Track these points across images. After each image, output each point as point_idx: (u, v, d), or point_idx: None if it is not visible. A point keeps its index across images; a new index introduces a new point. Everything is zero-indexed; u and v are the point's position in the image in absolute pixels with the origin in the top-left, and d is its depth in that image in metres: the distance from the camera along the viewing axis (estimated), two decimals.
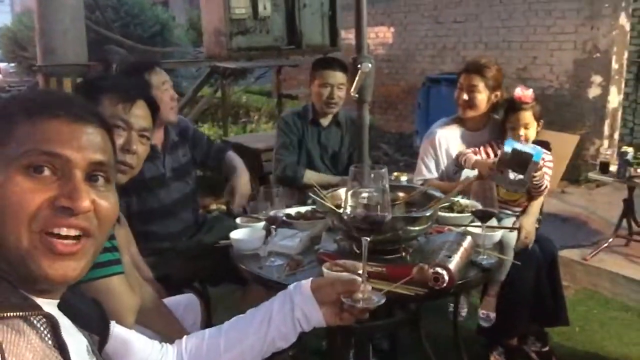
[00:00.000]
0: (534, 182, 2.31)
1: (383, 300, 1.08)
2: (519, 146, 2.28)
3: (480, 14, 6.47)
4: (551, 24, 5.78)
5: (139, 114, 1.61)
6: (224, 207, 3.06)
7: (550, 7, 5.76)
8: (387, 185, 1.10)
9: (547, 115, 2.84)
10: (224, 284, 2.40)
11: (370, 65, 1.88)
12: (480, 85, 2.52)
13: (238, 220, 2.12)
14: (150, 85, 2.24)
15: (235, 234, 1.93)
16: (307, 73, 2.97)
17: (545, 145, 2.53)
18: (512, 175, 2.28)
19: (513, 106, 2.46)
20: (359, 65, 1.87)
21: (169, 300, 1.81)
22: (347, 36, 7.29)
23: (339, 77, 2.73)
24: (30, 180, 0.73)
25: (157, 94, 2.24)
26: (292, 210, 2.12)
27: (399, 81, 7.68)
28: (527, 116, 2.43)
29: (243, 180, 2.49)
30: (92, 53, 4.25)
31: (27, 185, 0.73)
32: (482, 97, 2.54)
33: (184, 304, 1.84)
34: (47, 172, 0.75)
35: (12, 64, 11.64)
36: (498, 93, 2.58)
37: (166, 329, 1.57)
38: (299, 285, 1.07)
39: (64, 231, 0.75)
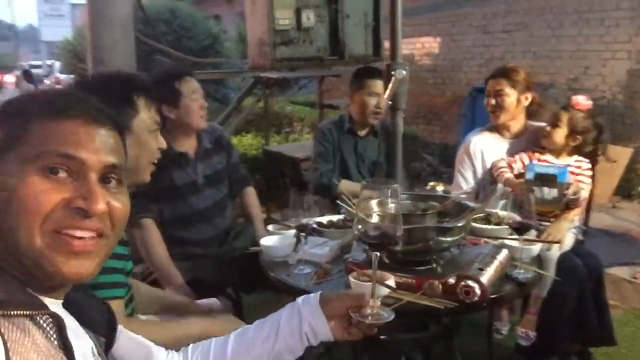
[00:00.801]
0: (570, 198, 2.25)
1: (392, 317, 1.06)
2: (541, 169, 2.23)
3: (529, 23, 6.33)
4: (604, 32, 5.59)
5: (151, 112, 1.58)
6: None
7: (603, 16, 5.58)
8: (399, 201, 1.10)
9: None
10: (257, 292, 2.40)
11: (404, 72, 1.86)
12: (507, 88, 2.49)
13: (270, 227, 2.13)
14: (180, 94, 2.30)
15: (265, 241, 1.94)
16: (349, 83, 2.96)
17: (591, 155, 2.45)
18: (545, 191, 2.22)
19: (562, 105, 2.47)
20: (393, 72, 1.86)
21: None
22: None
23: (382, 86, 2.71)
24: (45, 181, 0.73)
25: (187, 103, 2.30)
26: (324, 219, 2.11)
27: (444, 91, 7.59)
28: (562, 116, 2.40)
29: (261, 227, 2.51)
30: (141, 64, 4.38)
31: (42, 186, 0.73)
32: (511, 100, 2.50)
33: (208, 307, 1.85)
34: (62, 173, 0.75)
35: (72, 76, 12.19)
36: (529, 95, 2.53)
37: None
38: (308, 299, 1.06)
39: (78, 233, 0.75)
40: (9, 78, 17.41)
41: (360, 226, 1.12)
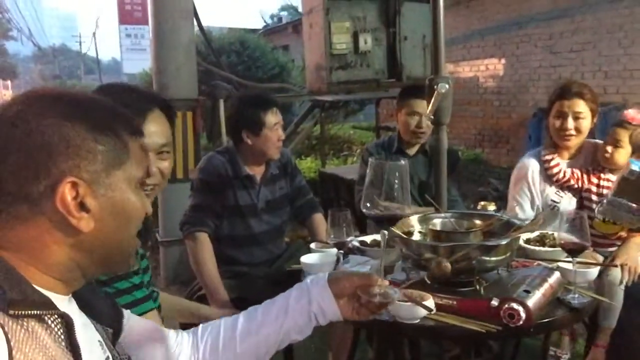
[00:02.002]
0: None
1: (399, 295, 1.09)
2: None
3: (598, 42, 6.08)
4: None
5: (154, 130, 1.30)
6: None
7: None
8: (407, 181, 1.06)
9: None
10: None
11: (447, 86, 1.82)
12: (586, 110, 2.33)
13: (312, 245, 2.11)
14: (263, 124, 2.32)
15: (306, 259, 1.91)
16: None
17: None
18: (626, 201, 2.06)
19: (617, 122, 2.29)
20: (435, 86, 1.81)
21: None
22: (455, 69, 7.15)
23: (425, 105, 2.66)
24: (140, 194, 0.84)
25: (267, 133, 2.32)
26: (368, 238, 2.07)
27: (510, 114, 7.37)
28: (622, 135, 2.24)
29: None
30: (201, 88, 4.54)
31: (140, 199, 0.83)
32: (587, 124, 2.35)
33: None
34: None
35: None
36: (596, 115, 2.38)
37: None
38: (317, 279, 1.08)
39: None
40: None
41: (368, 204, 1.10)
